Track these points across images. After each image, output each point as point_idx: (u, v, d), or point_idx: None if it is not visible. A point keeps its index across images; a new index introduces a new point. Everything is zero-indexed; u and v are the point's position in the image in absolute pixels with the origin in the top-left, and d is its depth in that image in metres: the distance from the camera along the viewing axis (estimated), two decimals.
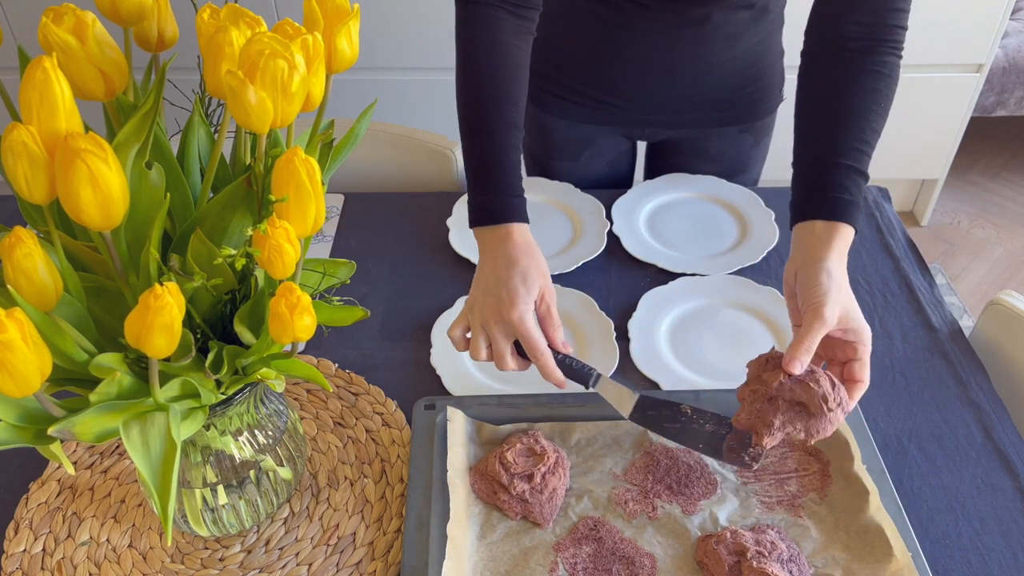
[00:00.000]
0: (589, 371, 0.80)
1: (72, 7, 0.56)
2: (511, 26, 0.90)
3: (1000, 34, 2.11)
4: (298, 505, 0.82)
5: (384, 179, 1.42)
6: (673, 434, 0.79)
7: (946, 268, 2.42)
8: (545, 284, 0.82)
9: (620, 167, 1.34)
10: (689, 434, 0.79)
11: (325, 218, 0.60)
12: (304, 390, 0.94)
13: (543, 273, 0.83)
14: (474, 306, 0.81)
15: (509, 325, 0.78)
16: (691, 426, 0.79)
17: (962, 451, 0.86)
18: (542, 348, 0.78)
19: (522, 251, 0.83)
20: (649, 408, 0.80)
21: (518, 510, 0.78)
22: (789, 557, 0.72)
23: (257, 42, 0.53)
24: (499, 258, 0.83)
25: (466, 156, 0.89)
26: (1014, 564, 0.76)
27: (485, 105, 0.87)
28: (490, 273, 0.82)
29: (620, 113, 1.22)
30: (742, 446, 0.77)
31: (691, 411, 0.80)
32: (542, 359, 0.78)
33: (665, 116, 1.22)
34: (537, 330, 0.79)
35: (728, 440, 0.78)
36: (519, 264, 0.81)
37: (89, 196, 0.50)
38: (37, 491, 0.83)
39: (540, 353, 0.78)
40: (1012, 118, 2.95)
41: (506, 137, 0.87)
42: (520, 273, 0.81)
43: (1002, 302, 0.99)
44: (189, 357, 0.59)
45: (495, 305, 0.79)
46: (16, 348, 0.47)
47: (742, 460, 0.76)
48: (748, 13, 1.08)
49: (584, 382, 0.80)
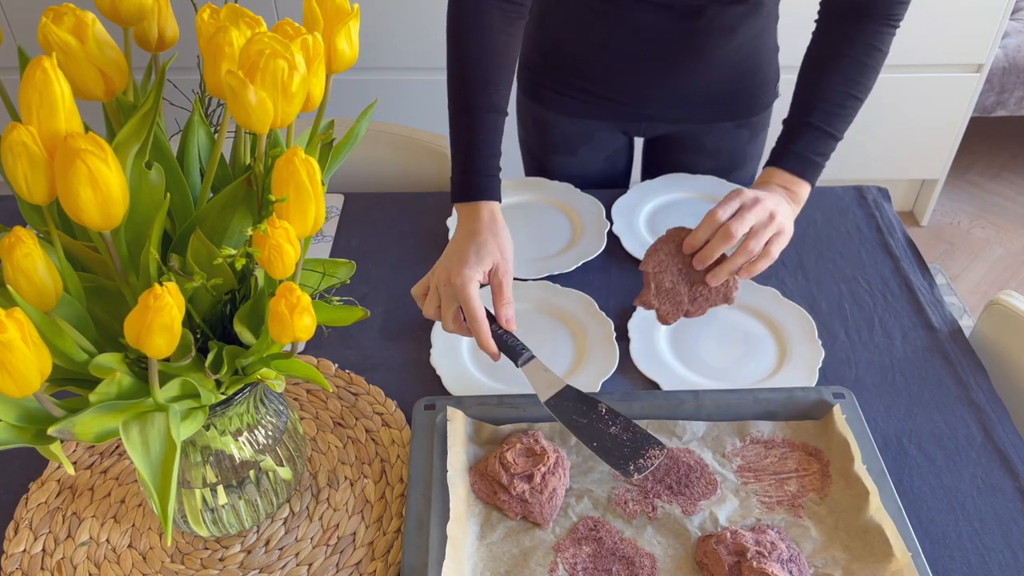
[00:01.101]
0: (522, 350, 0.83)
1: (72, 7, 0.56)
2: (500, 12, 0.93)
3: (1000, 34, 2.11)
4: (298, 505, 0.82)
5: (384, 179, 1.42)
6: (576, 428, 0.79)
7: (946, 268, 2.42)
8: (501, 260, 0.88)
9: (617, 163, 1.34)
10: (590, 432, 0.79)
11: (325, 218, 0.60)
12: (304, 390, 0.94)
13: (502, 249, 0.88)
14: (436, 269, 0.88)
15: (454, 289, 0.83)
16: (597, 424, 0.79)
17: (962, 451, 0.86)
18: (478, 316, 0.82)
19: (486, 226, 0.89)
20: (568, 399, 0.81)
21: (518, 510, 0.78)
22: (789, 557, 0.72)
23: (257, 42, 0.53)
24: (465, 230, 0.90)
25: (451, 135, 0.95)
26: (1014, 564, 0.76)
27: (469, 87, 0.93)
28: (455, 242, 0.90)
29: (617, 108, 1.23)
30: (634, 455, 0.77)
31: (605, 411, 0.80)
32: (476, 326, 0.82)
33: (661, 111, 1.23)
34: (477, 298, 0.83)
35: (624, 448, 0.77)
36: (479, 236, 0.88)
37: (89, 196, 0.50)
38: (37, 491, 0.83)
39: (475, 320, 0.82)
40: (1012, 118, 2.95)
41: (485, 119, 0.93)
42: (476, 244, 0.87)
43: (1002, 302, 0.99)
44: (189, 357, 0.59)
45: (447, 269, 0.85)
46: (16, 348, 0.47)
47: (627, 468, 0.76)
48: (742, 8, 1.08)
49: (515, 359, 0.83)
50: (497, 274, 0.87)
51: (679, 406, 0.87)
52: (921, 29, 2.07)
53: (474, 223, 0.90)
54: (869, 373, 0.95)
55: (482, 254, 0.86)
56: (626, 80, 1.19)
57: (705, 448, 0.84)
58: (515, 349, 0.83)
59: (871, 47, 0.96)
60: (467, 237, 0.89)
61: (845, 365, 0.96)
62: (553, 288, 1.06)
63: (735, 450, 0.84)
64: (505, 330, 0.84)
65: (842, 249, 1.14)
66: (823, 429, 0.85)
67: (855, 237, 1.17)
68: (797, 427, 0.86)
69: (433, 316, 0.87)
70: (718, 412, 0.87)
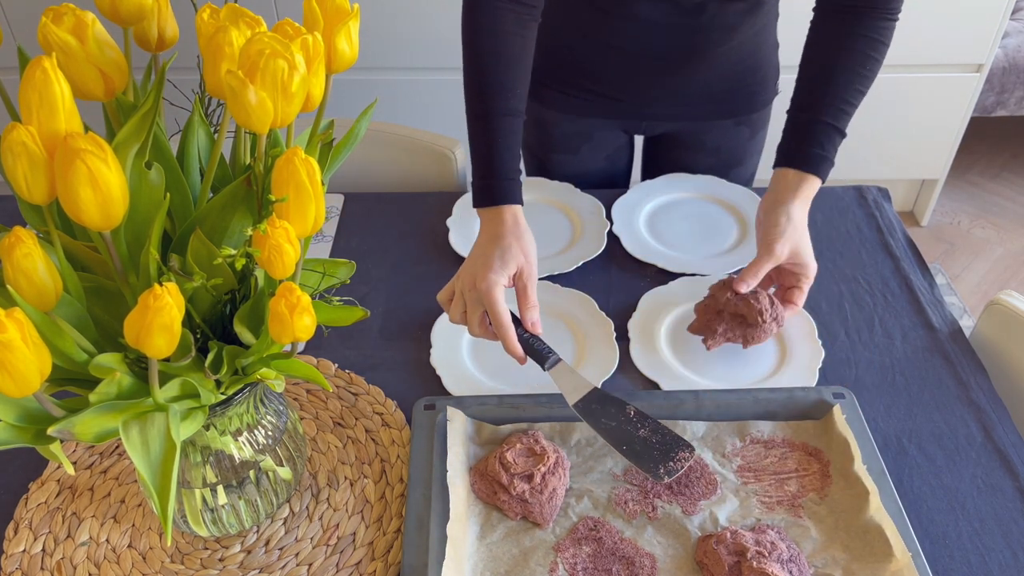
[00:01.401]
0: (549, 353, 0.83)
1: (72, 7, 0.56)
2: (513, 15, 0.93)
3: (1000, 34, 2.11)
4: (298, 505, 0.82)
5: (384, 179, 1.42)
6: (605, 431, 0.79)
7: (946, 268, 2.42)
8: (525, 264, 0.88)
9: (618, 162, 1.34)
10: (619, 434, 0.78)
11: (325, 218, 0.60)
12: (304, 390, 0.94)
13: (526, 253, 0.88)
14: (461, 274, 0.88)
15: (480, 293, 0.84)
16: (626, 427, 0.79)
17: (962, 451, 0.86)
18: (504, 321, 0.83)
19: (509, 230, 0.89)
20: (596, 402, 0.81)
21: (518, 510, 0.78)
22: (789, 557, 0.72)
23: (257, 42, 0.53)
24: (488, 234, 0.90)
25: (470, 140, 0.95)
26: (1014, 564, 0.76)
27: (486, 92, 0.93)
28: (478, 247, 0.90)
29: (618, 106, 1.23)
30: (664, 458, 0.76)
31: (634, 413, 0.80)
32: (503, 331, 0.83)
33: (662, 109, 1.23)
34: (502, 303, 0.84)
35: (653, 451, 0.77)
36: (503, 241, 0.88)
37: (89, 196, 0.50)
38: (37, 491, 0.83)
39: (501, 325, 0.83)
40: (1012, 118, 2.95)
41: (503, 123, 0.93)
42: (501, 248, 0.87)
43: (1002, 302, 0.99)
44: (189, 357, 0.59)
45: (472, 274, 0.86)
46: (16, 348, 0.47)
47: (657, 472, 0.76)
48: (743, 5, 1.09)
49: (541, 362, 0.83)
50: (522, 278, 0.87)
51: (679, 406, 0.87)
52: (921, 29, 2.07)
53: (498, 227, 0.90)
54: (869, 373, 0.95)
55: (506, 258, 0.86)
56: (627, 78, 1.19)
57: (705, 448, 0.84)
58: (541, 353, 0.83)
59: (874, 41, 0.95)
60: (491, 241, 0.89)
61: (845, 365, 0.96)
62: (553, 288, 1.06)
63: (735, 450, 0.84)
64: (531, 334, 0.85)
65: (842, 249, 1.14)
66: (823, 429, 0.85)
67: (855, 237, 1.17)
68: (797, 427, 0.86)
69: (459, 321, 0.87)
70: (718, 412, 0.87)
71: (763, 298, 0.92)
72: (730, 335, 0.93)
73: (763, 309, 0.91)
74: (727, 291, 0.93)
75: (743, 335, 0.92)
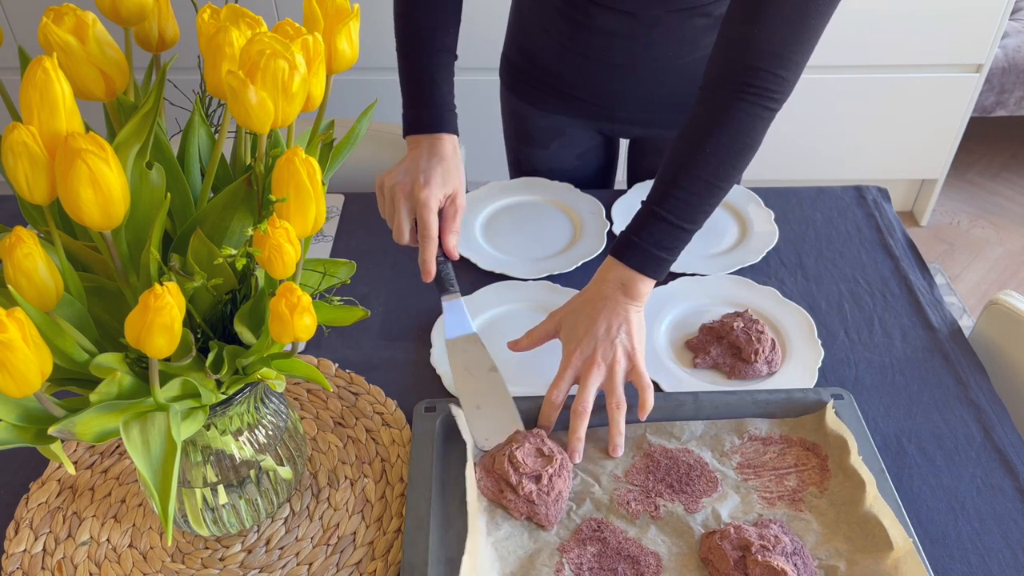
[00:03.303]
0: (452, 285, 0.89)
1: (72, 7, 0.56)
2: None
3: (1000, 34, 2.11)
4: (298, 505, 0.82)
5: None
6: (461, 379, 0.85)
7: (946, 268, 2.42)
8: (459, 191, 0.90)
9: (591, 161, 1.34)
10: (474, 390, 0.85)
11: (325, 218, 0.60)
12: (304, 390, 0.94)
13: (462, 182, 0.92)
14: (395, 175, 0.90)
15: (415, 203, 0.86)
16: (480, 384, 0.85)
17: (962, 451, 0.86)
18: (432, 233, 0.87)
19: (450, 155, 0.91)
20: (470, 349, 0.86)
21: (523, 510, 0.77)
22: (793, 550, 0.72)
23: (258, 42, 0.53)
24: (427, 150, 0.91)
25: (401, 75, 0.98)
26: (1014, 564, 0.76)
27: (421, 32, 0.96)
28: (414, 160, 0.91)
29: (587, 107, 1.24)
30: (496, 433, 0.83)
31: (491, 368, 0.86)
32: (427, 243, 0.87)
33: (630, 113, 1.23)
34: (435, 217, 0.87)
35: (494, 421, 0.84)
36: (446, 161, 0.90)
37: (89, 196, 0.50)
38: (37, 491, 0.83)
39: (428, 238, 0.87)
40: (1012, 118, 2.95)
41: (439, 58, 0.96)
42: (443, 168, 0.89)
43: (1002, 302, 0.99)
44: (189, 357, 0.59)
45: (410, 183, 0.88)
46: (16, 348, 0.47)
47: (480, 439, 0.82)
48: (704, 20, 1.08)
49: (443, 290, 0.89)
50: (454, 203, 0.90)
51: (678, 407, 0.87)
52: (921, 29, 2.07)
53: (439, 148, 0.91)
54: (869, 373, 0.95)
55: (447, 179, 0.89)
56: (593, 82, 1.19)
57: (704, 447, 0.85)
58: (447, 280, 0.89)
59: (741, 130, 0.83)
60: (432, 157, 0.90)
61: (845, 365, 0.96)
62: (553, 288, 1.06)
63: (734, 447, 0.84)
64: (445, 258, 0.89)
65: (842, 249, 1.14)
66: (818, 424, 0.85)
67: (855, 237, 1.17)
68: (794, 423, 0.86)
69: (386, 219, 0.91)
70: (717, 413, 0.87)
71: (765, 340, 0.93)
72: (719, 361, 0.94)
73: (759, 350, 0.92)
74: (736, 320, 0.95)
75: (731, 366, 0.93)
